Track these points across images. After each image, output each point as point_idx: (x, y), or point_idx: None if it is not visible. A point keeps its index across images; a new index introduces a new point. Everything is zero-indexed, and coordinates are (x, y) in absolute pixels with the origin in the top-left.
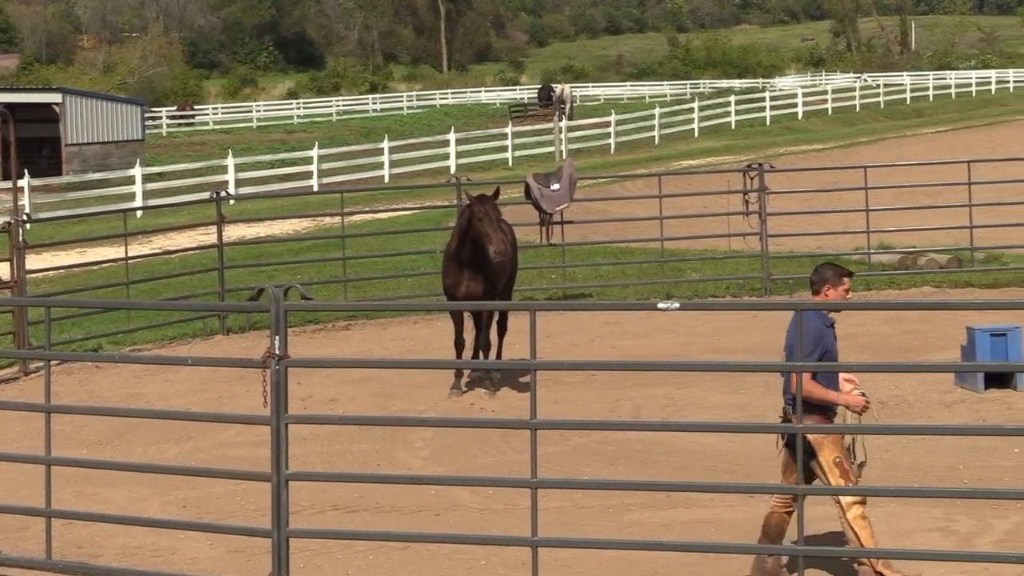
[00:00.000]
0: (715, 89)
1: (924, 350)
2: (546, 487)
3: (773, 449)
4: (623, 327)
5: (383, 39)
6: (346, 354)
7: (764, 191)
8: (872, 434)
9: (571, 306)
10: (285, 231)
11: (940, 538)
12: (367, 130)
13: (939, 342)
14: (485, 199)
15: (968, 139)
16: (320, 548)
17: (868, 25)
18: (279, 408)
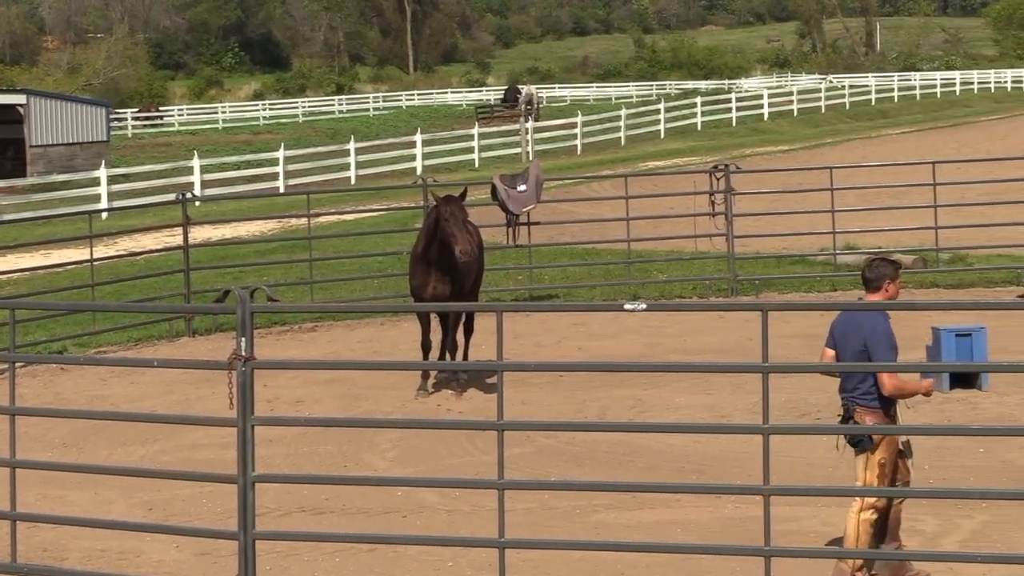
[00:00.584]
0: (681, 90)
1: None
2: (513, 488)
3: (740, 449)
4: (590, 328)
5: (349, 40)
6: (312, 356)
7: (730, 192)
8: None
9: (538, 307)
10: (251, 233)
11: (905, 538)
12: (333, 131)
13: (904, 342)
14: (452, 200)
15: (933, 140)
16: (287, 550)
17: (833, 26)
18: (245, 410)
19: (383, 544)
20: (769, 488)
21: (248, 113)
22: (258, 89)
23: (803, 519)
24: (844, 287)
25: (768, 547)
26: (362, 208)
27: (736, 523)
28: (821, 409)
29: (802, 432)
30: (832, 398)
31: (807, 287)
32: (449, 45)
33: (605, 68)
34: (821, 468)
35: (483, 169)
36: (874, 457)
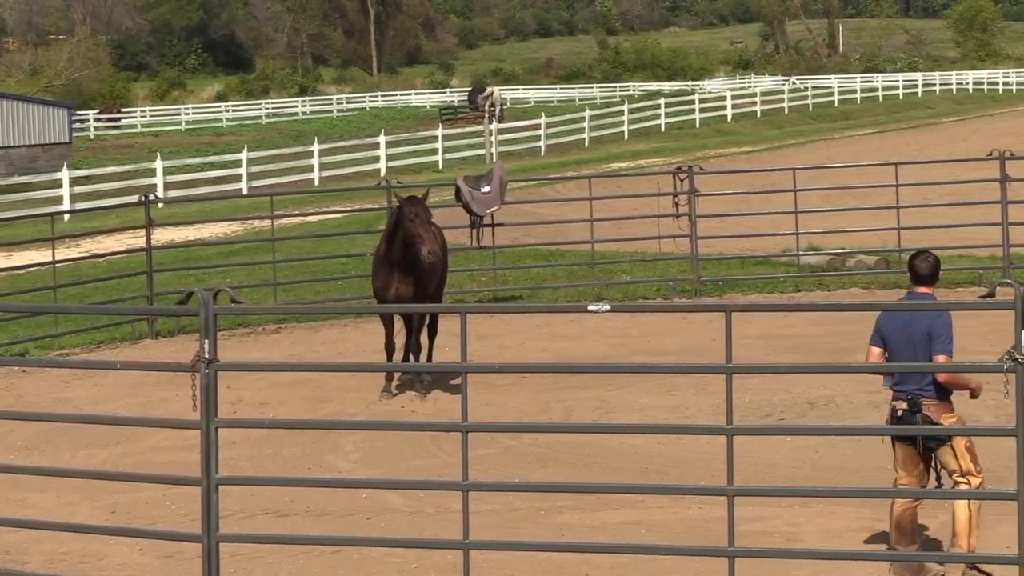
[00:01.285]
0: (645, 91)
1: (853, 351)
2: (477, 490)
3: (704, 450)
4: (554, 329)
5: (312, 42)
6: (276, 358)
7: (694, 193)
8: (801, 435)
9: (502, 308)
10: (214, 234)
11: (869, 537)
12: (297, 133)
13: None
14: (415, 200)
15: (895, 141)
16: (251, 552)
17: (796, 28)
18: (209, 412)
19: (347, 546)
20: (733, 489)
21: (211, 115)
22: (221, 91)
23: (767, 519)
24: (807, 288)
25: (732, 548)
26: (326, 210)
27: (700, 524)
28: (784, 410)
29: (766, 433)
30: (795, 399)
31: (771, 288)
32: (413, 46)
33: (569, 70)
34: (784, 469)
35: (447, 171)
36: (959, 445)
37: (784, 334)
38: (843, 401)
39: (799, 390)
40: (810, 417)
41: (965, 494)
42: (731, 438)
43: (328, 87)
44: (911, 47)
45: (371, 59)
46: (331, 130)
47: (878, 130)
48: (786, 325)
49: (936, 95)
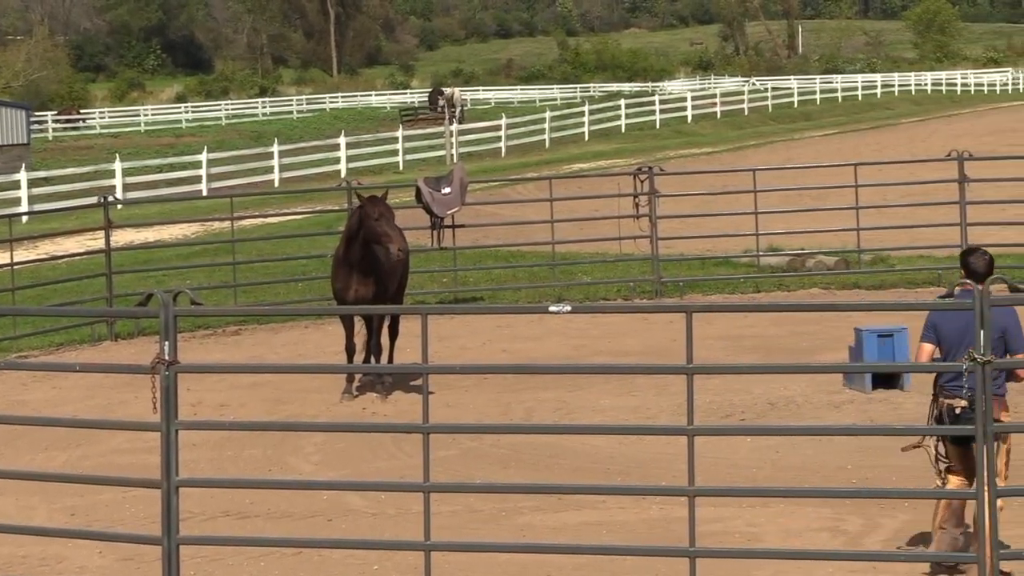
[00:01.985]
0: (605, 92)
1: (813, 351)
2: (438, 491)
3: (665, 450)
4: (515, 330)
5: (272, 42)
6: (236, 359)
7: (654, 194)
8: (762, 435)
9: (463, 310)
10: (174, 236)
11: (829, 537)
12: (257, 134)
13: (827, 343)
14: (377, 200)
15: (855, 142)
16: (211, 555)
17: (756, 29)
18: (169, 414)
19: (308, 548)
20: (694, 489)
21: (170, 116)
22: (180, 91)
23: (727, 520)
24: (768, 288)
25: (693, 548)
26: (286, 211)
27: (661, 524)
28: (745, 410)
29: (726, 433)
30: (756, 399)
31: (731, 289)
32: (373, 47)
33: (529, 71)
34: (745, 469)
35: (407, 172)
36: (1005, 445)
37: (744, 335)
38: (803, 401)
39: (760, 390)
40: (771, 417)
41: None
42: (692, 438)
43: (288, 88)
44: (870, 48)
45: (331, 60)
46: (291, 131)
47: (838, 131)
48: (746, 326)
49: (895, 96)
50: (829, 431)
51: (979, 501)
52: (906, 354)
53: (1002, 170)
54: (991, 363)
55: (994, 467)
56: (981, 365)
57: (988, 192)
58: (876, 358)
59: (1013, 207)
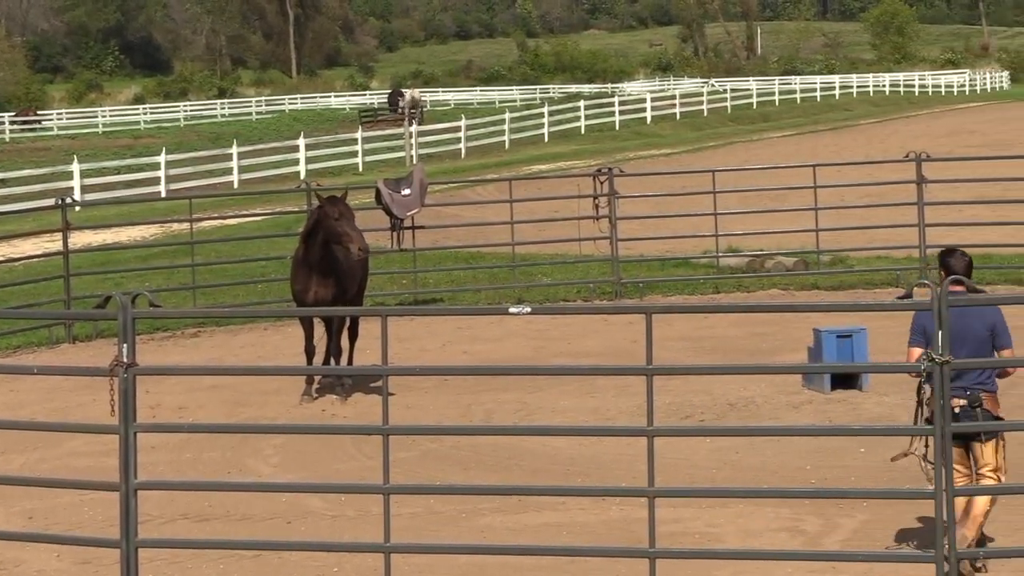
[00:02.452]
0: (565, 94)
1: (772, 352)
2: (398, 493)
3: (625, 451)
4: (475, 332)
5: (231, 44)
6: (195, 361)
7: (614, 195)
8: (722, 436)
9: (423, 311)
10: (132, 238)
11: (788, 538)
12: (216, 135)
13: (786, 344)
14: (337, 200)
15: (813, 143)
16: (170, 558)
17: (715, 31)
18: (127, 417)
19: (267, 550)
20: (654, 490)
21: (129, 117)
22: (139, 93)
23: (687, 520)
24: (727, 289)
25: (653, 549)
26: (245, 212)
27: (621, 525)
28: (705, 411)
29: (686, 434)
30: (715, 400)
31: (690, 289)
32: (332, 49)
33: (489, 72)
34: (705, 470)
35: (367, 173)
36: (1004, 441)
37: (704, 335)
38: (763, 402)
39: (719, 391)
40: (730, 418)
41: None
42: (652, 439)
43: (247, 89)
44: (828, 50)
45: (290, 61)
46: (250, 132)
47: (796, 132)
48: (706, 326)
49: (853, 97)
50: (788, 432)
51: (937, 502)
52: (865, 354)
53: (960, 171)
54: (949, 363)
55: (995, 463)
56: (939, 366)
57: (946, 193)
58: (835, 358)
59: (970, 208)
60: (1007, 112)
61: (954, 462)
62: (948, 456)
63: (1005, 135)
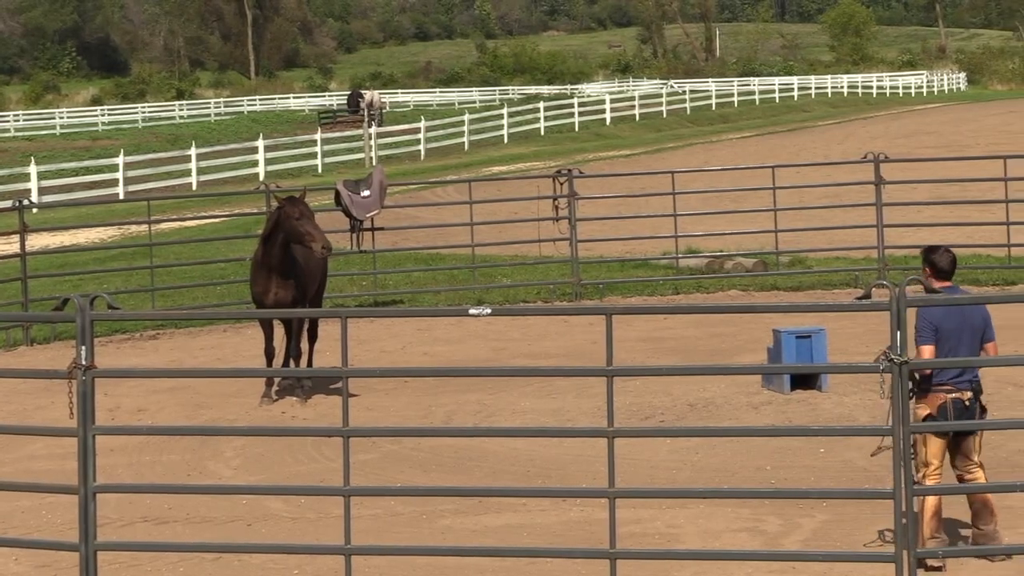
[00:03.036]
0: (524, 95)
1: (731, 352)
2: (358, 495)
3: (585, 452)
4: (435, 333)
5: (189, 45)
6: (154, 364)
7: (573, 197)
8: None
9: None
10: (90, 240)
11: (748, 538)
12: (174, 137)
13: (746, 344)
14: (297, 200)
15: (772, 144)
16: (129, 560)
17: (674, 32)
18: (86, 419)
19: (227, 553)
20: (614, 491)
21: (86, 118)
22: (96, 94)
23: (647, 521)
24: (687, 290)
25: (613, 550)
26: (204, 214)
27: (582, 526)
28: (664, 412)
29: (646, 435)
30: (675, 401)
31: (650, 290)
32: (291, 50)
33: (448, 73)
34: (665, 471)
35: (326, 175)
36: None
37: (664, 336)
38: (722, 403)
39: (679, 392)
40: (690, 419)
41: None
42: (612, 440)
43: (205, 91)
44: (787, 51)
45: (248, 63)
46: (209, 134)
47: (755, 133)
48: (666, 327)
49: (812, 99)
50: (748, 432)
51: (896, 501)
52: (824, 355)
53: (917, 172)
54: (907, 363)
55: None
56: (898, 366)
57: (904, 194)
58: (794, 359)
59: (928, 209)
60: (964, 113)
61: (935, 456)
62: (906, 455)
63: (962, 136)
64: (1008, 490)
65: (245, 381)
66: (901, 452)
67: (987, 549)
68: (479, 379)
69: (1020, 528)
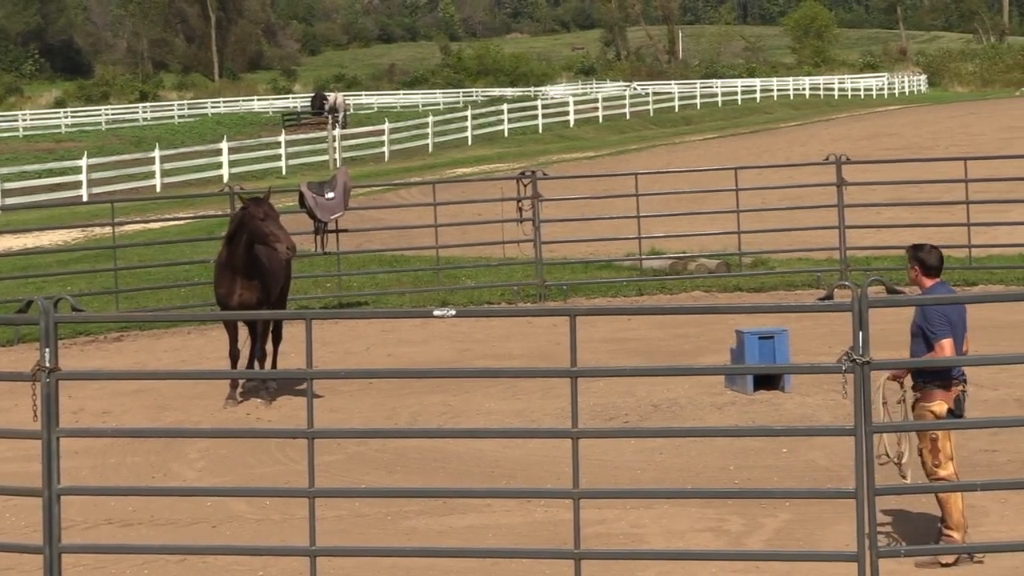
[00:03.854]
0: (488, 97)
1: (695, 353)
2: (323, 496)
3: (550, 453)
4: (399, 335)
5: (153, 47)
6: (118, 366)
7: (537, 198)
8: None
9: (347, 314)
10: (54, 242)
11: (712, 538)
12: (138, 139)
13: (709, 345)
14: (261, 201)
15: (735, 146)
16: (94, 563)
17: (637, 35)
18: (50, 421)
19: (192, 555)
20: (578, 492)
21: (50, 121)
22: (59, 96)
23: (611, 521)
24: (650, 291)
25: (578, 550)
26: (168, 216)
27: (546, 526)
28: (629, 412)
29: (610, 436)
30: (639, 401)
31: (614, 292)
32: (255, 52)
33: (412, 75)
34: (629, 471)
35: (291, 176)
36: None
37: (628, 337)
38: (686, 403)
39: (643, 393)
40: (654, 419)
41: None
42: (576, 441)
43: (169, 93)
44: (749, 53)
45: (212, 65)
46: (173, 136)
47: (718, 135)
48: (630, 329)
49: (774, 101)
50: (711, 433)
51: (858, 501)
52: (787, 355)
53: (879, 173)
54: (870, 364)
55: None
56: (860, 366)
57: (865, 195)
58: (757, 360)
59: (889, 210)
60: (925, 115)
61: (947, 456)
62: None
63: (923, 138)
64: (969, 489)
65: (209, 383)
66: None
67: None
68: (444, 380)
69: (983, 527)
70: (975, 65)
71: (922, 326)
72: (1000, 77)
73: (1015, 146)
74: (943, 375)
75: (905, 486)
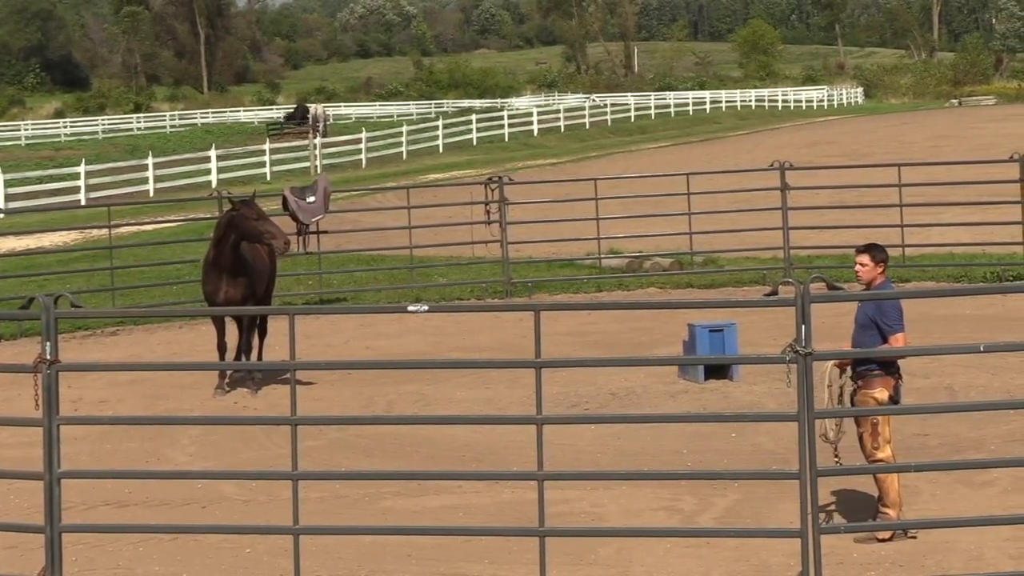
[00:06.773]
0: (458, 108)
1: (650, 345)
2: (306, 479)
3: (516, 438)
4: (376, 329)
5: (146, 62)
6: (115, 358)
7: (504, 202)
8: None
9: (327, 310)
10: (54, 243)
11: (667, 516)
12: (132, 147)
13: (664, 338)
14: (250, 202)
15: (687, 153)
16: (92, 542)
17: (596, 50)
18: (51, 410)
19: (184, 534)
20: (543, 474)
21: (50, 130)
22: (59, 108)
23: (573, 501)
24: (609, 288)
25: (542, 528)
26: (160, 219)
27: (513, 506)
28: (589, 400)
29: (572, 422)
30: (599, 390)
31: (575, 288)
32: (241, 67)
33: (387, 88)
34: (589, 454)
35: (274, 182)
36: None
37: (588, 331)
38: (642, 392)
39: (603, 382)
40: (613, 406)
41: (760, 474)
42: (541, 427)
43: (161, 104)
44: (700, 68)
45: (202, 78)
46: (165, 145)
47: (671, 143)
48: (590, 323)
49: (723, 111)
50: (666, 419)
51: (802, 482)
52: (735, 347)
53: (819, 179)
54: (812, 355)
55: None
56: (803, 357)
57: (807, 199)
58: (708, 351)
59: (830, 212)
60: (862, 125)
61: (887, 439)
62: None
63: (860, 145)
64: (904, 470)
65: (199, 374)
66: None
67: (889, 525)
68: (418, 371)
69: (916, 505)
70: (908, 79)
71: (875, 319)
72: (931, 90)
73: (945, 153)
74: (890, 365)
75: (845, 467)
